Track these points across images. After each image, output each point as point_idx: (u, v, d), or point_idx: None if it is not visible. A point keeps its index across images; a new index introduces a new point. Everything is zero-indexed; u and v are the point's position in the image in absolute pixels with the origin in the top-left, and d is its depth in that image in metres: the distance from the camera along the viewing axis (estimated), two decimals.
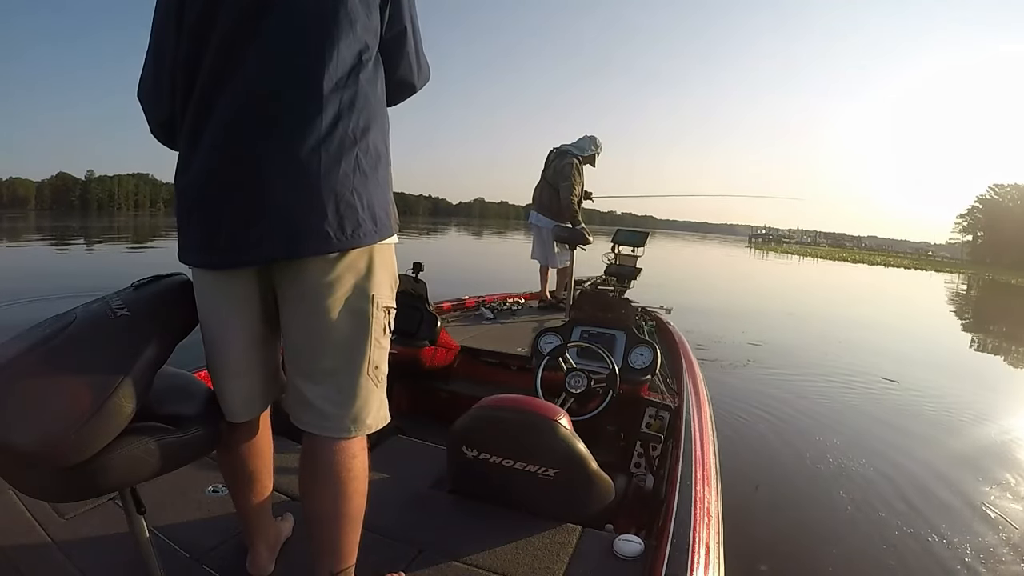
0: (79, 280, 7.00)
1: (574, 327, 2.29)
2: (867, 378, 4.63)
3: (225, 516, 1.22)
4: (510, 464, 1.29)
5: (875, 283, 18.37)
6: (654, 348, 2.15)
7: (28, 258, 11.31)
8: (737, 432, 3.06)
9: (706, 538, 1.12)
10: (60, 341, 0.74)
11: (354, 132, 0.80)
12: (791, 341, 6.17)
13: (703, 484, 1.32)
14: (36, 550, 1.06)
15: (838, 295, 12.44)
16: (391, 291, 0.91)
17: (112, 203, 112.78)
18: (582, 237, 3.35)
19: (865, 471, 2.67)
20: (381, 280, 0.87)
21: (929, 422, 3.65)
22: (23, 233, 19.35)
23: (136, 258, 11.61)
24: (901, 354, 5.91)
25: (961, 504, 2.42)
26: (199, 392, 0.92)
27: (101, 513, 1.17)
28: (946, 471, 2.76)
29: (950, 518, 2.28)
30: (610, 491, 1.39)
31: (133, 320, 0.79)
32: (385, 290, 0.88)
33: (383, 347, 0.89)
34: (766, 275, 17.99)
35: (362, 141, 0.81)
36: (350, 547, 0.90)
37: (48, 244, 14.47)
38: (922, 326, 9.33)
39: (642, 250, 3.74)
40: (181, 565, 1.06)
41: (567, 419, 1.32)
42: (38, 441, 0.68)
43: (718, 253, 32.24)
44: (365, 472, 0.91)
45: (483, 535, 1.21)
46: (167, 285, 0.87)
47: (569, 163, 3.89)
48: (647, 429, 1.82)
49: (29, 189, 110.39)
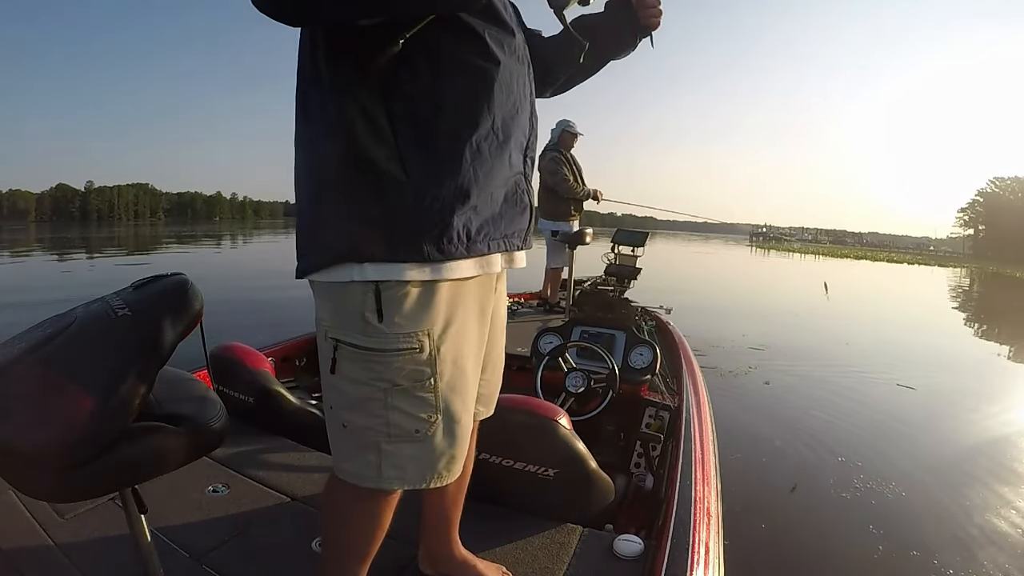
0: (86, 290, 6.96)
1: (574, 327, 2.29)
2: (881, 385, 4.25)
3: (225, 516, 1.22)
4: (510, 464, 1.29)
5: (880, 280, 17.97)
6: (654, 348, 2.15)
7: (31, 269, 11.32)
8: (740, 450, 2.75)
9: (706, 538, 1.12)
10: (61, 341, 0.74)
11: None
12: (795, 344, 5.75)
13: (703, 484, 1.32)
14: (36, 550, 1.06)
15: (843, 294, 12.12)
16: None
17: (112, 213, 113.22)
18: (579, 237, 3.37)
19: (887, 490, 2.51)
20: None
21: (954, 431, 3.39)
22: (23, 245, 19.35)
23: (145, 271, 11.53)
24: (915, 356, 5.56)
25: (984, 518, 2.28)
26: (199, 392, 0.92)
27: (101, 513, 1.18)
28: (971, 487, 2.57)
29: (960, 529, 2.20)
30: (610, 491, 1.39)
31: (133, 320, 0.78)
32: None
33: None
34: (768, 274, 17.91)
35: None
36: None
37: (51, 256, 14.48)
38: (934, 324, 8.73)
39: (642, 250, 3.75)
40: (181, 565, 1.06)
41: (567, 419, 1.33)
42: (39, 442, 0.68)
43: (720, 252, 32.02)
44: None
45: (483, 535, 1.21)
46: (167, 285, 0.87)
47: (553, 158, 3.94)
48: (647, 429, 1.82)
49: (29, 201, 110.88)
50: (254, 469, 1.46)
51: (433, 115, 0.72)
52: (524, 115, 0.81)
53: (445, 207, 0.72)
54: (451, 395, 0.78)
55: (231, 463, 1.47)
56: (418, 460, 0.79)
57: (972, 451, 3.05)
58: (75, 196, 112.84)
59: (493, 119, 0.75)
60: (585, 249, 3.72)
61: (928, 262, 31.98)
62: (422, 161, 0.72)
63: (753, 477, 2.51)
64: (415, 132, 0.72)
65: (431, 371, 0.75)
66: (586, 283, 3.74)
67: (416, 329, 0.74)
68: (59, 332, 0.75)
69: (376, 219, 0.71)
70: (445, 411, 0.78)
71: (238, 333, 2.21)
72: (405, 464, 0.78)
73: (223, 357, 1.76)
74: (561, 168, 3.92)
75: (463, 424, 0.81)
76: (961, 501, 2.42)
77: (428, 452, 0.79)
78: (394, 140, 0.71)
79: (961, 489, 2.55)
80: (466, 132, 0.73)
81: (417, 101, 0.72)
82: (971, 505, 2.39)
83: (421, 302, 0.74)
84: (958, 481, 2.63)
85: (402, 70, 0.71)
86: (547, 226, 4.06)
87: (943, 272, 23.57)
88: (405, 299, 0.73)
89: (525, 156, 0.82)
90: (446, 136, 0.72)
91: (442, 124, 0.72)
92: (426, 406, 0.76)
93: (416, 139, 0.72)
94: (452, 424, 0.79)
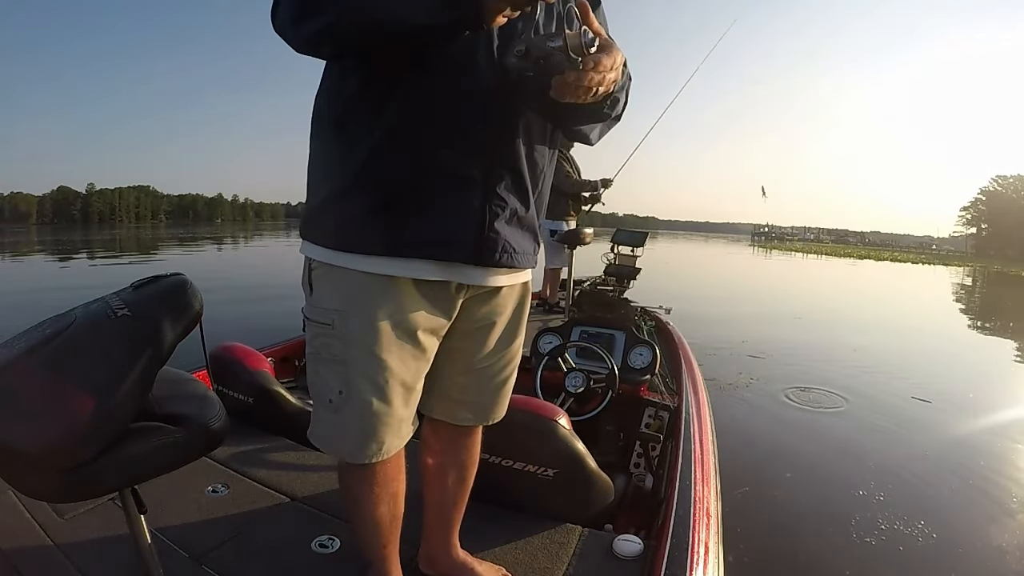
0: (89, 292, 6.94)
1: (574, 327, 2.30)
2: (894, 397, 3.82)
3: (225, 516, 1.22)
4: (509, 464, 1.29)
5: (886, 280, 17.39)
6: (653, 348, 2.15)
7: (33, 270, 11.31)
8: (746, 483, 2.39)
9: (705, 538, 1.12)
10: (60, 342, 0.74)
11: None
12: (799, 351, 5.31)
13: (702, 484, 1.32)
14: (36, 550, 1.06)
15: (848, 295, 11.76)
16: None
17: (113, 216, 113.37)
18: (579, 237, 3.37)
19: (887, 490, 2.41)
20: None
21: (980, 454, 2.93)
22: (24, 247, 19.34)
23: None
24: (928, 364, 5.16)
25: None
26: (199, 392, 0.92)
27: (101, 513, 1.18)
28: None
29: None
30: (609, 491, 1.39)
31: (133, 320, 0.78)
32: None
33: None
34: (769, 274, 17.76)
35: None
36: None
37: (53, 258, 14.49)
38: (946, 328, 8.16)
39: (641, 250, 3.75)
40: (181, 565, 1.06)
41: (566, 419, 1.33)
42: (39, 443, 0.68)
43: (722, 252, 31.81)
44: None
45: (482, 535, 1.21)
46: (167, 285, 0.87)
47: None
48: (646, 429, 1.82)
49: (31, 203, 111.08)
50: (254, 469, 1.46)
51: (346, 111, 0.79)
52: (477, 123, 0.78)
53: (348, 200, 0.79)
54: (362, 381, 0.81)
55: (231, 463, 1.47)
56: (330, 427, 0.86)
57: (993, 471, 2.73)
58: (76, 198, 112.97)
59: (419, 120, 0.77)
60: (585, 249, 3.72)
61: (932, 261, 31.58)
62: (343, 156, 0.79)
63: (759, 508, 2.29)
64: (337, 127, 0.80)
65: (341, 350, 0.82)
66: (586, 283, 3.75)
67: (329, 307, 0.82)
68: (59, 332, 0.75)
69: (310, 204, 0.84)
70: (354, 393, 0.82)
71: (238, 333, 2.22)
72: (323, 430, 0.87)
73: (223, 357, 1.77)
74: (564, 165, 3.93)
75: (379, 414, 0.83)
76: (966, 511, 2.38)
77: (339, 424, 0.84)
78: (331, 134, 0.81)
79: (964, 491, 2.53)
80: (379, 129, 0.77)
81: (339, 99, 0.80)
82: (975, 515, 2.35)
83: (335, 284, 0.82)
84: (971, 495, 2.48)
85: (332, 69, 0.82)
86: (546, 225, 4.07)
87: (948, 271, 23.18)
88: (323, 278, 0.83)
89: (490, 167, 0.80)
90: (356, 132, 0.78)
91: (349, 121, 0.79)
92: (337, 380, 0.83)
93: (337, 135, 0.80)
94: (363, 408, 0.82)
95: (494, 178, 0.81)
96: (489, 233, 0.82)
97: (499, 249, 0.83)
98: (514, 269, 0.89)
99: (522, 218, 0.87)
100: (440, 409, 0.99)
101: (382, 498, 0.91)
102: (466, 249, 0.81)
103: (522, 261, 0.89)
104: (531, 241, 0.90)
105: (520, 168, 0.84)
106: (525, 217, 0.87)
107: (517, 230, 0.86)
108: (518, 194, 0.84)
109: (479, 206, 0.81)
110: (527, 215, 0.87)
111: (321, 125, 0.84)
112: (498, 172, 0.81)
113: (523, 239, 0.88)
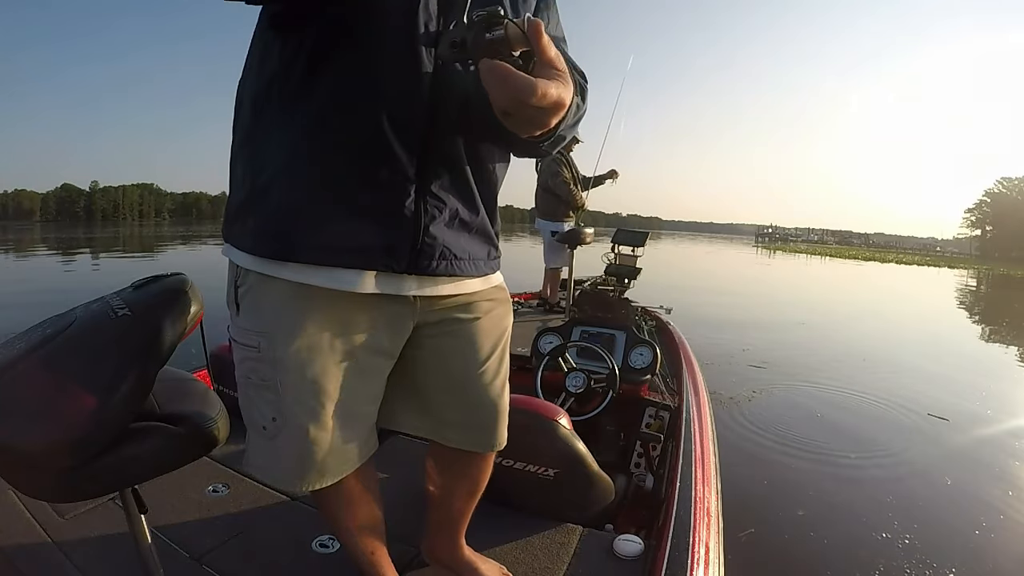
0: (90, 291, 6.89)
1: (574, 327, 2.29)
2: (909, 415, 3.52)
3: (225, 516, 1.22)
4: (510, 464, 1.29)
5: (892, 284, 16.88)
6: (654, 348, 2.15)
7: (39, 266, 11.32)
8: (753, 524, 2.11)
9: (706, 538, 1.12)
10: (61, 341, 0.74)
11: None
12: (804, 360, 4.98)
13: (703, 484, 1.32)
14: (36, 550, 1.06)
15: (855, 299, 11.39)
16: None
17: (116, 213, 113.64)
18: (579, 237, 3.36)
19: (887, 491, 2.36)
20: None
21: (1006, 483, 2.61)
22: (30, 245, 19.36)
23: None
24: (945, 376, 4.70)
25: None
26: (200, 392, 0.92)
27: (101, 513, 1.18)
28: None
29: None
30: (610, 491, 1.39)
31: (133, 320, 0.78)
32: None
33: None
34: (772, 277, 17.59)
35: None
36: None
37: (58, 255, 14.51)
38: (961, 336, 7.69)
39: (642, 250, 3.75)
40: (181, 565, 1.06)
41: (567, 419, 1.33)
42: (39, 442, 0.68)
43: (724, 253, 31.57)
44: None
45: (483, 535, 1.21)
46: (167, 285, 0.87)
47: (554, 159, 3.96)
48: (647, 429, 1.82)
49: (35, 201, 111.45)
50: None
51: (269, 93, 0.71)
52: (407, 113, 0.69)
53: (266, 199, 0.70)
54: (296, 407, 0.74)
55: (231, 463, 1.47)
56: (266, 456, 0.79)
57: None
58: (80, 196, 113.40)
59: (344, 106, 0.67)
60: (585, 249, 3.71)
61: (938, 263, 31.09)
62: (263, 146, 0.72)
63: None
64: (257, 113, 0.73)
65: (271, 374, 0.74)
66: (586, 283, 3.74)
67: (254, 328, 0.74)
68: (59, 332, 0.75)
69: (231, 202, 0.77)
70: (289, 419, 0.75)
71: None
72: (259, 459, 0.80)
73: (223, 357, 1.77)
74: (562, 170, 3.93)
75: (316, 441, 0.75)
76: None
77: (274, 453, 0.77)
78: (251, 121, 0.73)
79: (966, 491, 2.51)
80: (301, 113, 0.68)
81: (261, 79, 0.72)
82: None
83: (259, 299, 0.74)
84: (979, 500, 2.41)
85: (256, 47, 0.73)
86: (545, 226, 4.07)
87: (953, 273, 22.83)
88: (249, 294, 0.74)
89: (424, 163, 0.71)
90: (269, 121, 0.71)
91: (271, 105, 0.71)
92: (269, 407, 0.75)
93: (258, 121, 0.72)
94: (299, 435, 0.74)
95: (429, 175, 0.71)
96: (424, 238, 0.72)
97: (436, 256, 0.74)
98: (457, 277, 0.79)
99: (467, 221, 0.77)
100: (427, 428, 0.90)
101: (356, 513, 0.89)
102: (397, 256, 0.71)
103: (468, 268, 0.79)
104: (482, 245, 0.81)
105: (460, 165, 0.74)
106: (471, 220, 0.78)
107: (461, 234, 0.77)
108: (459, 194, 0.75)
109: (412, 207, 0.71)
110: (475, 218, 0.78)
111: (241, 110, 0.75)
112: (434, 169, 0.72)
113: (470, 243, 0.78)
